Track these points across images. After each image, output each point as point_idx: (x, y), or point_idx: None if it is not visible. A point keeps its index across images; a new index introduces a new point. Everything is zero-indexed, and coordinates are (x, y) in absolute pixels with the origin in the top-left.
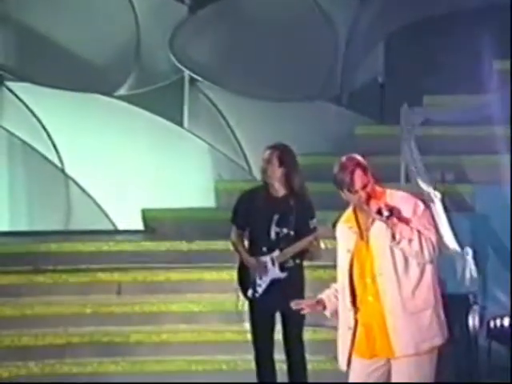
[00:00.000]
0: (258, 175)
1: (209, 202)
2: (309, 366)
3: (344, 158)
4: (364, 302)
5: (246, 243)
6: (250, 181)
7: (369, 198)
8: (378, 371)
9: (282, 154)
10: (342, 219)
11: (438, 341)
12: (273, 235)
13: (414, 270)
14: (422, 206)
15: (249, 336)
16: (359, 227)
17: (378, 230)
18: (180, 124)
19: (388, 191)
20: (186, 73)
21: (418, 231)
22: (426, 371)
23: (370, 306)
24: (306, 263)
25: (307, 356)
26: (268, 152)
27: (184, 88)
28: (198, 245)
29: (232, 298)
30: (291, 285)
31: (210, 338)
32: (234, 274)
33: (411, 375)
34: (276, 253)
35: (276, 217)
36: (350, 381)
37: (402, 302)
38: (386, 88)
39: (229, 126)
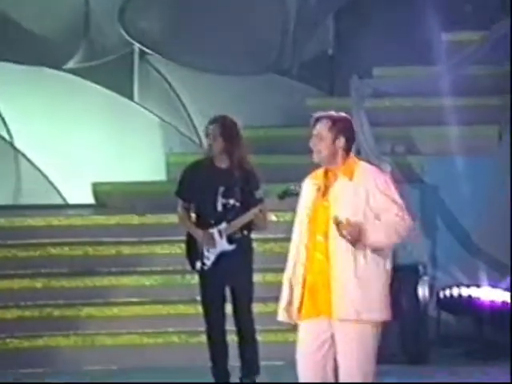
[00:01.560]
0: None
1: (160, 175)
2: (259, 338)
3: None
4: (312, 259)
5: (193, 216)
6: (201, 154)
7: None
8: (324, 333)
9: (226, 126)
10: (310, 176)
11: (380, 316)
12: (219, 207)
13: (371, 239)
14: (385, 178)
15: (200, 309)
16: (325, 184)
17: (340, 191)
18: (130, 97)
19: (361, 162)
20: (136, 46)
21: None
22: (369, 343)
23: (318, 264)
24: (258, 236)
25: (257, 328)
26: (213, 124)
27: (134, 61)
28: (149, 218)
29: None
30: (240, 257)
31: (161, 311)
32: None
33: (353, 344)
34: (223, 225)
35: (222, 188)
36: (299, 343)
37: (353, 267)
38: (336, 60)
39: (179, 100)
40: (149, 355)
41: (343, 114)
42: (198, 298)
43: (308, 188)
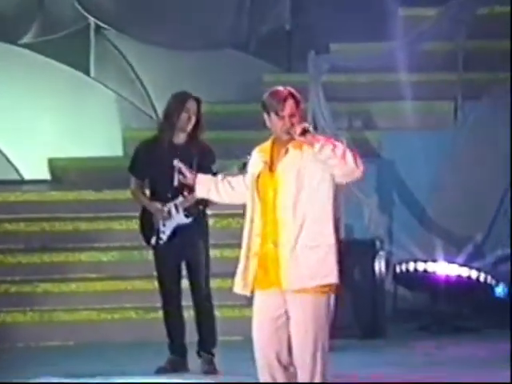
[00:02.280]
0: None
1: (116, 150)
2: (217, 313)
3: (279, 87)
4: (263, 232)
5: (147, 192)
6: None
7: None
8: (278, 305)
9: (198, 102)
10: (257, 148)
11: (330, 279)
12: (175, 182)
13: (316, 207)
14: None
15: (157, 286)
16: (271, 158)
17: (288, 163)
18: (86, 72)
19: (317, 136)
20: (92, 20)
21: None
22: (323, 313)
23: (269, 236)
24: (216, 212)
25: (216, 303)
26: (195, 102)
27: (90, 36)
28: (106, 194)
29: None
30: (195, 232)
31: (118, 287)
32: None
33: (306, 313)
34: (180, 199)
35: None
36: (254, 314)
37: (299, 236)
38: (293, 35)
39: (136, 75)
40: (106, 331)
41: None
42: (156, 274)
43: (255, 161)
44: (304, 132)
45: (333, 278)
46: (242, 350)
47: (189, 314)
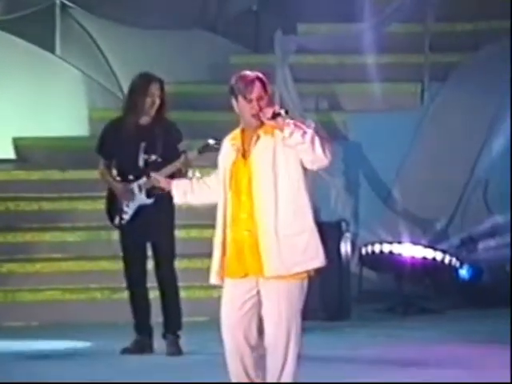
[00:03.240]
0: None
1: (82, 130)
2: (184, 294)
3: (246, 71)
4: (237, 220)
5: (115, 172)
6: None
7: (261, 111)
8: (250, 290)
9: (161, 82)
10: (227, 137)
11: (315, 263)
12: (141, 162)
13: (293, 192)
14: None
15: (122, 266)
16: (243, 145)
17: (261, 149)
18: (52, 51)
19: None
20: None
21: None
22: (296, 296)
23: (243, 224)
24: None
25: (182, 284)
26: (147, 79)
27: (55, 14)
28: (72, 174)
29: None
30: (160, 212)
31: (84, 267)
32: None
33: (280, 298)
34: (143, 179)
35: (143, 144)
36: (223, 302)
37: (278, 222)
38: (261, 16)
39: (102, 54)
40: (71, 311)
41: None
42: (121, 254)
43: (227, 149)
44: (275, 115)
45: (319, 261)
46: (208, 330)
47: (155, 295)
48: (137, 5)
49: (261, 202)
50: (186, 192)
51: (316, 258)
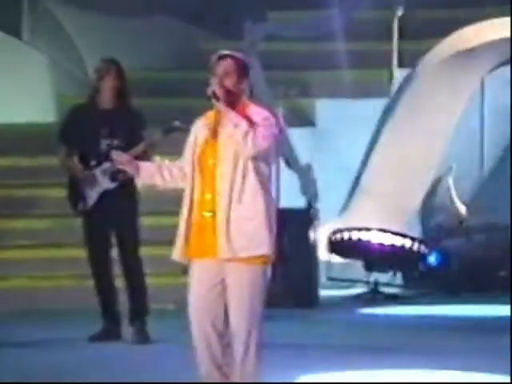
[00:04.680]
0: None
1: (51, 117)
2: (152, 281)
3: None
4: (202, 200)
5: (76, 159)
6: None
7: (225, 90)
8: (215, 274)
9: (120, 67)
10: (202, 117)
11: (261, 250)
12: (103, 147)
13: (251, 178)
14: (269, 117)
15: None
16: (215, 126)
17: (229, 132)
18: (19, 37)
19: (252, 105)
20: None
21: (251, 124)
22: (258, 281)
23: (207, 204)
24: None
25: (151, 271)
26: (106, 63)
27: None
28: (41, 160)
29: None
30: (124, 199)
31: (54, 254)
32: None
33: (242, 282)
34: (106, 164)
35: (106, 129)
36: (191, 283)
37: (231, 206)
38: (231, 3)
39: (71, 41)
40: (40, 298)
41: (243, 56)
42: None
43: (199, 128)
44: (214, 95)
45: (265, 248)
46: (176, 317)
47: (122, 283)
48: None
49: (219, 185)
50: (153, 174)
51: (262, 246)
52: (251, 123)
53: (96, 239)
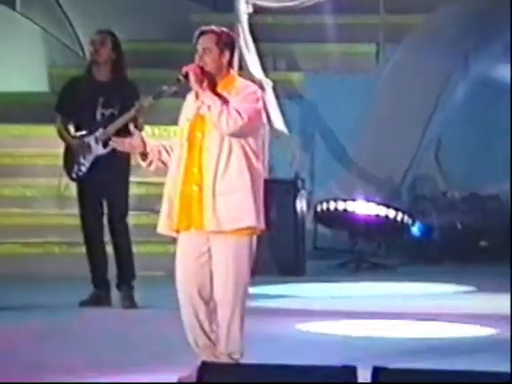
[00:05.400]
0: None
1: (42, 86)
2: (141, 249)
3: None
4: (189, 173)
5: (72, 128)
6: (84, 66)
7: (200, 69)
8: (201, 245)
9: (115, 39)
10: (193, 91)
11: (246, 223)
12: (98, 116)
13: (237, 152)
14: (253, 90)
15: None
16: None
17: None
18: (13, 7)
19: (239, 78)
20: None
21: (225, 103)
22: (244, 252)
23: (193, 177)
24: None
25: (140, 239)
26: (102, 35)
27: None
28: (32, 129)
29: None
30: (115, 164)
31: (42, 221)
32: None
33: (228, 253)
34: (99, 131)
35: (101, 99)
36: (177, 254)
37: (217, 180)
38: None
39: (64, 12)
40: (30, 264)
41: (227, 29)
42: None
43: (190, 102)
44: (185, 76)
45: (250, 221)
46: (164, 284)
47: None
48: None
49: (206, 159)
50: (160, 151)
51: (248, 218)
52: (226, 102)
53: (88, 206)
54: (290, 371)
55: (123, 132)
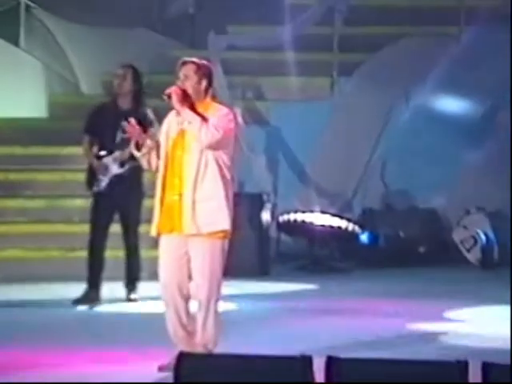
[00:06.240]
0: (87, 90)
1: (42, 112)
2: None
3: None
4: (171, 184)
5: (96, 148)
6: (80, 95)
7: (181, 91)
8: (180, 247)
9: (136, 72)
10: (174, 111)
11: (221, 226)
12: (118, 140)
13: (213, 167)
14: (227, 112)
15: (76, 229)
16: (183, 121)
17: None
18: (17, 44)
19: (215, 103)
20: (22, 0)
21: (204, 120)
22: (217, 254)
23: (176, 188)
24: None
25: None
26: (124, 69)
27: (20, 13)
28: (33, 150)
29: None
30: (130, 182)
31: (43, 230)
32: (66, 176)
33: (204, 255)
34: (117, 153)
35: (122, 125)
36: (160, 255)
37: (196, 190)
38: (196, 18)
39: (61, 48)
40: (32, 266)
41: (206, 62)
42: (75, 219)
43: (170, 121)
44: (169, 96)
45: (224, 224)
46: (149, 283)
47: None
48: (92, 6)
49: (186, 171)
50: (153, 149)
51: (221, 222)
52: (204, 119)
53: (101, 217)
54: (254, 361)
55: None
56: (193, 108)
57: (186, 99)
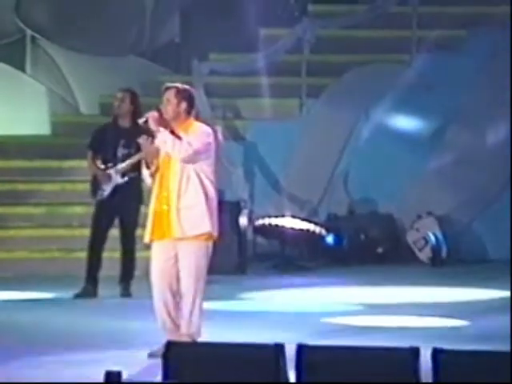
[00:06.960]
0: (85, 111)
1: (45, 130)
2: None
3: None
4: (160, 196)
5: (99, 162)
6: (79, 115)
7: (158, 114)
8: (169, 251)
9: (133, 95)
10: None
11: (204, 229)
12: (119, 154)
13: (194, 178)
14: (206, 129)
15: (75, 232)
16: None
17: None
18: (23, 71)
19: (196, 122)
20: (28, 32)
21: (177, 138)
22: (202, 255)
23: (164, 200)
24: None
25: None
26: (123, 93)
27: (26, 44)
28: (38, 163)
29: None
30: (130, 191)
31: (46, 233)
32: (66, 186)
33: (190, 256)
34: (119, 166)
35: (122, 141)
36: (152, 258)
37: (180, 200)
38: (182, 46)
39: (63, 74)
40: (36, 266)
41: (187, 86)
42: (74, 224)
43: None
44: (145, 121)
45: (207, 227)
46: (141, 281)
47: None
48: (89, 37)
49: (172, 185)
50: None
51: (204, 226)
52: (178, 137)
53: (103, 221)
54: (232, 348)
55: (137, 166)
56: (170, 129)
57: (162, 122)
